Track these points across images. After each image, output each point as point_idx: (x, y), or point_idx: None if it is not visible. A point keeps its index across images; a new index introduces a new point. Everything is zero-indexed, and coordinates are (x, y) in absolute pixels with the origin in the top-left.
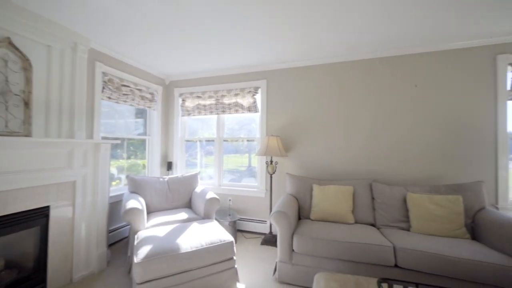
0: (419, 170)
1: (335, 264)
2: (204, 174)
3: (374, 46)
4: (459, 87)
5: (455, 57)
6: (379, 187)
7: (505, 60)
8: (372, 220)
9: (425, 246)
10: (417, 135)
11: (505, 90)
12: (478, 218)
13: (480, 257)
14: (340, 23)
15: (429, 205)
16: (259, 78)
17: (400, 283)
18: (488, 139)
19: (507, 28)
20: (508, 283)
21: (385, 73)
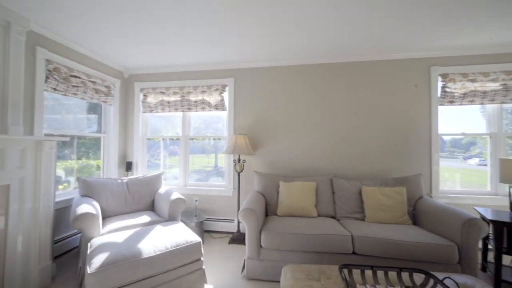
0: (372, 166)
1: (301, 256)
2: (168, 174)
3: (335, 51)
4: (402, 93)
5: (400, 66)
6: (339, 182)
7: (437, 71)
8: (333, 212)
9: (377, 233)
10: (370, 135)
11: (437, 97)
12: (417, 206)
13: (419, 239)
14: (303, 29)
15: (379, 196)
16: (226, 76)
17: (358, 267)
18: (424, 139)
19: (437, 44)
20: (440, 258)
21: (344, 77)
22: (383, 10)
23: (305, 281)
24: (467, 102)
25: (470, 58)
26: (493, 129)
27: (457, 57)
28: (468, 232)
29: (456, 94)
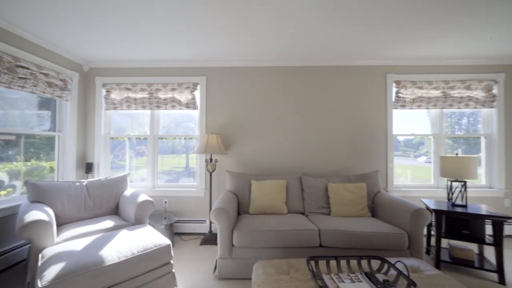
0: (337, 164)
1: (272, 252)
2: (135, 176)
3: (303, 56)
4: (363, 97)
5: (361, 71)
6: (307, 179)
7: (391, 78)
8: (302, 209)
9: (340, 226)
10: (335, 136)
11: (391, 101)
12: (375, 199)
13: (376, 229)
14: (275, 33)
15: (343, 192)
16: (198, 74)
17: (324, 259)
18: (381, 139)
19: (391, 54)
20: (394, 245)
21: (313, 81)
22: (346, 20)
23: (275, 275)
24: (416, 106)
25: (418, 68)
26: (435, 131)
27: (408, 66)
28: (416, 221)
29: (407, 99)
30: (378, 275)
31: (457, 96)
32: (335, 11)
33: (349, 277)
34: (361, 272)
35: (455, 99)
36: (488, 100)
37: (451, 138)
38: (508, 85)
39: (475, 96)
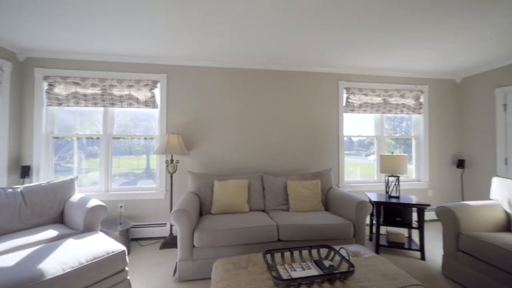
0: (295, 163)
1: (233, 250)
2: (85, 180)
3: (265, 60)
4: (318, 101)
5: (317, 77)
6: (268, 178)
7: (342, 85)
8: (263, 206)
9: (297, 220)
10: (294, 136)
11: (342, 106)
12: (328, 194)
13: (327, 222)
14: (238, 35)
15: (301, 189)
16: (158, 72)
17: (279, 251)
18: (334, 140)
19: (343, 64)
20: (342, 235)
21: (274, 84)
22: (302, 34)
23: (234, 270)
24: (362, 111)
25: (365, 77)
26: (378, 132)
27: (357, 75)
28: (359, 212)
29: (355, 104)
30: (325, 261)
31: (394, 103)
32: (290, 25)
33: (300, 265)
34: (311, 260)
35: (393, 106)
36: (417, 107)
37: (393, 138)
38: (431, 95)
39: (408, 104)
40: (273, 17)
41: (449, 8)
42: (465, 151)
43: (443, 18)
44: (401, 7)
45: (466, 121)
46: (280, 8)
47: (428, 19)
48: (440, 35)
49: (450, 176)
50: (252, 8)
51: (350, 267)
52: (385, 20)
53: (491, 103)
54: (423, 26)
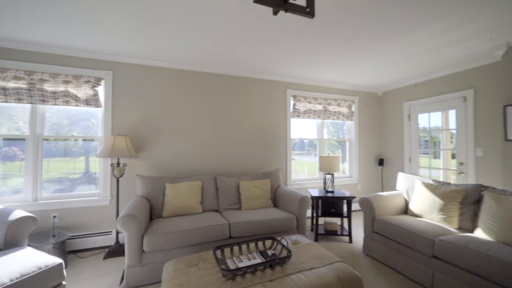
0: (248, 164)
1: (185, 251)
2: (3, 188)
3: (219, 64)
4: (269, 106)
5: (268, 84)
6: (222, 179)
7: (290, 92)
8: (216, 206)
9: (248, 217)
10: (246, 139)
11: (289, 112)
12: (276, 192)
13: (274, 216)
14: (189, 37)
15: (252, 188)
16: (103, 68)
17: (228, 246)
18: (282, 142)
19: (290, 74)
20: (287, 227)
21: (224, 88)
22: (256, 46)
23: (185, 269)
24: (307, 116)
25: (309, 86)
26: (319, 136)
27: (302, 84)
28: (301, 206)
29: (301, 111)
30: (269, 251)
31: (332, 111)
32: (240, 37)
33: (247, 257)
34: (257, 251)
35: (331, 113)
36: (349, 115)
37: (333, 141)
38: (360, 105)
39: (343, 112)
40: (222, 27)
41: (376, 33)
42: (384, 151)
43: (371, 42)
44: (336, 34)
45: (385, 127)
46: (227, 21)
47: (359, 43)
48: (367, 57)
49: (374, 172)
50: (202, 14)
51: (288, 253)
52: (322, 41)
53: (401, 114)
54: (355, 48)
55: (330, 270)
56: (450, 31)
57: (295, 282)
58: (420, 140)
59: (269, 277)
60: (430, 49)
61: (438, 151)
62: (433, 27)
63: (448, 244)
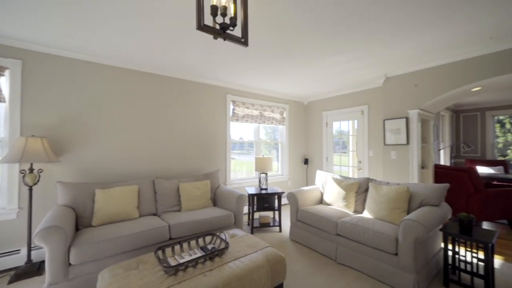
0: (188, 165)
1: (122, 258)
2: None
3: (158, 65)
4: (210, 109)
5: (209, 89)
6: (160, 182)
7: (230, 98)
8: (155, 210)
9: (188, 218)
10: (187, 140)
11: (229, 116)
12: (216, 192)
13: (215, 215)
14: (124, 32)
15: (192, 189)
16: (8, 56)
17: (169, 246)
18: (222, 144)
19: (230, 80)
20: (226, 224)
21: (165, 89)
22: (197, 52)
23: (124, 273)
24: (245, 121)
25: (247, 93)
26: (256, 138)
27: (241, 91)
28: (239, 203)
29: (239, 115)
30: (209, 246)
31: (267, 116)
32: (180, 42)
33: (188, 253)
34: (198, 247)
35: (266, 118)
36: (281, 120)
37: (268, 143)
38: (290, 112)
39: (276, 117)
40: (160, 26)
41: (297, 58)
42: (308, 152)
43: (295, 63)
44: (267, 54)
45: (309, 132)
46: (167, 21)
47: (286, 62)
48: (293, 74)
49: (300, 170)
50: (138, 12)
51: (226, 245)
52: (256, 59)
53: (320, 121)
54: (283, 65)
55: (261, 254)
56: (351, 61)
57: (232, 268)
58: (334, 143)
59: (209, 267)
60: (338, 73)
61: (347, 152)
62: (339, 57)
63: (345, 224)
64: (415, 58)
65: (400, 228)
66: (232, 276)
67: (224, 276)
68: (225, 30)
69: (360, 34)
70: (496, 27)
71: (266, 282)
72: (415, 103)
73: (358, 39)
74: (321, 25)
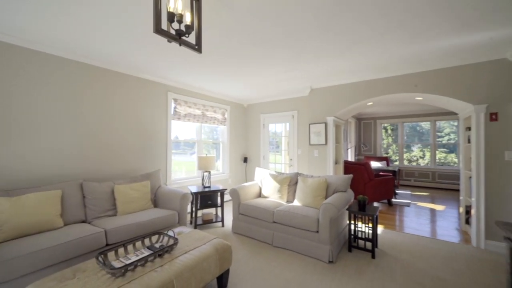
0: (124, 166)
1: (47, 273)
2: None
3: (89, 53)
4: (149, 106)
5: (148, 85)
6: (90, 185)
7: (171, 96)
8: (84, 217)
9: (127, 221)
10: (124, 139)
11: (170, 114)
12: (157, 193)
13: (157, 215)
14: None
15: (130, 191)
16: None
17: (112, 250)
18: (163, 143)
19: (172, 77)
20: (170, 223)
21: (99, 82)
22: (140, 46)
23: (58, 285)
24: (187, 120)
25: (190, 92)
26: (198, 138)
27: (183, 89)
28: (182, 202)
29: (181, 114)
30: (156, 244)
31: (210, 116)
32: (114, 28)
33: (135, 254)
34: (144, 248)
35: (209, 118)
36: (223, 121)
37: (210, 142)
38: (231, 113)
39: (218, 118)
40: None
41: (239, 67)
42: (248, 151)
43: (235, 72)
44: (215, 60)
45: (248, 132)
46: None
47: (229, 70)
48: (234, 80)
49: (240, 168)
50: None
51: (175, 241)
52: (202, 66)
53: (258, 122)
54: (228, 69)
55: (209, 245)
56: (284, 73)
57: (183, 261)
58: (270, 143)
59: (159, 264)
60: (274, 81)
61: (280, 151)
62: (275, 69)
63: (280, 212)
64: (332, 76)
65: (320, 211)
66: (183, 267)
67: (175, 269)
68: (180, 36)
69: (293, 52)
70: (377, 62)
71: (215, 269)
72: (331, 111)
73: (291, 56)
74: (261, 41)
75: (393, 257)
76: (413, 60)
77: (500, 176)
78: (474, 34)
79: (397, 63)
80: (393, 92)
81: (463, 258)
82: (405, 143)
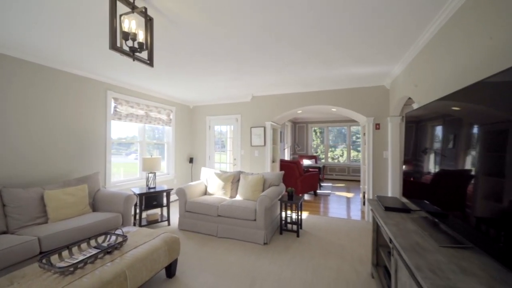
0: (56, 169)
1: None
2: None
3: (21, 48)
4: (85, 105)
5: (85, 83)
6: (11, 192)
7: (111, 94)
8: (5, 227)
9: (63, 227)
10: (54, 141)
11: (110, 114)
12: (96, 196)
13: (99, 218)
14: None
15: (63, 196)
16: None
17: (56, 253)
18: (102, 144)
19: (112, 75)
20: (114, 225)
21: (24, 78)
22: (72, 35)
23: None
24: (129, 120)
25: (133, 92)
26: (141, 138)
27: (125, 88)
28: (127, 204)
29: (122, 114)
30: (104, 244)
31: (154, 117)
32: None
33: (81, 254)
34: (90, 248)
35: (153, 118)
36: (168, 122)
37: (153, 143)
38: (177, 114)
39: (163, 118)
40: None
41: (186, 73)
42: (193, 152)
43: (184, 77)
44: (163, 67)
45: (194, 133)
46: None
47: (178, 75)
48: (184, 85)
49: (186, 169)
50: None
51: (124, 238)
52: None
53: (204, 124)
54: (177, 75)
55: (158, 239)
56: (229, 81)
57: (134, 254)
58: (215, 143)
59: (109, 259)
60: (220, 87)
61: (225, 151)
62: (220, 77)
63: (224, 206)
64: (271, 87)
65: (257, 202)
66: (134, 260)
67: (127, 262)
68: (134, 53)
69: (237, 64)
70: (305, 79)
71: (164, 259)
72: (269, 116)
73: (234, 69)
74: (206, 54)
75: (313, 235)
76: (329, 80)
77: (380, 168)
78: (365, 67)
79: (319, 81)
80: (316, 103)
81: (358, 229)
82: (330, 144)
